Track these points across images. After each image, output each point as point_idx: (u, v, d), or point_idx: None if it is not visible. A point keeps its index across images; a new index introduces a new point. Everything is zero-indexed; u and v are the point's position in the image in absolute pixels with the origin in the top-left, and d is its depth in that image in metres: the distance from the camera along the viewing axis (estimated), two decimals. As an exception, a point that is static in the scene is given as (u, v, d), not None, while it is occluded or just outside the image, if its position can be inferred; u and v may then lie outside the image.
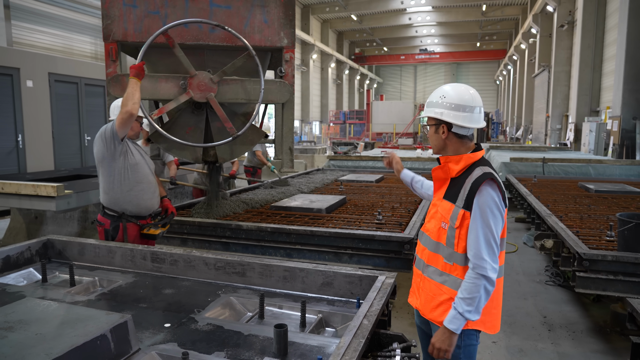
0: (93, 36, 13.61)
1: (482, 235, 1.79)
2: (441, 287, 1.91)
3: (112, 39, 3.58)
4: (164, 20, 3.57)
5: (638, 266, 3.05)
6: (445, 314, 1.87)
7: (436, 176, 2.06)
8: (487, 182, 1.83)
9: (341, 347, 1.57)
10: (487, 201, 1.82)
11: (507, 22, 33.64)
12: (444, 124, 1.94)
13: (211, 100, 3.56)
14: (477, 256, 1.79)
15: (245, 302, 2.29)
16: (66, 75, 8.22)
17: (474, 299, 1.77)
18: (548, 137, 21.90)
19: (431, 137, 2.03)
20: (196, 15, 3.60)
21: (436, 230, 1.96)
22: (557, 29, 20.58)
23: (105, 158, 3.09)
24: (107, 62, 3.63)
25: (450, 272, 1.89)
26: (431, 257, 1.98)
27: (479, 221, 1.81)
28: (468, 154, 1.94)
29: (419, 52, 42.14)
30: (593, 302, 4.42)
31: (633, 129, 12.62)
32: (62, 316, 1.64)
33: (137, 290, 2.44)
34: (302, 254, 3.57)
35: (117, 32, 3.58)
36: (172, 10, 3.59)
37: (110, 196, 3.16)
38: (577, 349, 3.53)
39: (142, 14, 3.57)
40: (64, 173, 6.88)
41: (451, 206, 1.91)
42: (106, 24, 3.55)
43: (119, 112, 3.00)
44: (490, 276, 1.77)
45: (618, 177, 8.16)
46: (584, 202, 5.27)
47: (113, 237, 3.16)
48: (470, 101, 1.91)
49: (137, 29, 3.59)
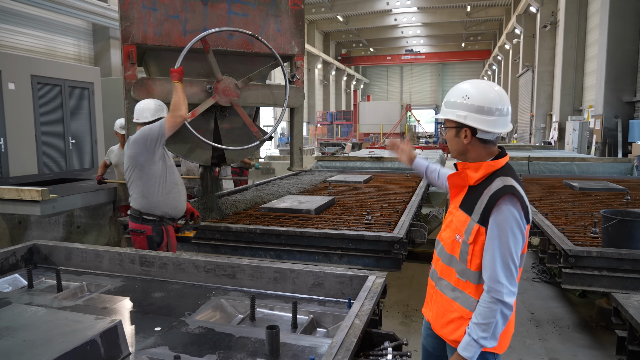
0: (76, 38, 13.42)
1: (499, 257, 1.62)
2: (453, 303, 1.78)
3: (132, 41, 3.51)
4: (184, 24, 3.60)
5: (622, 262, 3.11)
6: (455, 332, 1.76)
7: (452, 183, 1.87)
8: (507, 197, 1.63)
9: (333, 346, 1.57)
10: (507, 219, 1.62)
11: (492, 22, 34.06)
12: (467, 128, 1.72)
13: (235, 105, 3.72)
14: (492, 279, 1.62)
15: (236, 304, 2.28)
16: (49, 77, 8.09)
17: (490, 324, 1.62)
18: (533, 136, 22.23)
19: (450, 140, 1.80)
20: (215, 21, 3.69)
21: (450, 242, 1.81)
22: (540, 29, 20.92)
23: (146, 161, 3.06)
24: (125, 65, 3.54)
25: (462, 289, 1.75)
26: (444, 270, 1.84)
27: (496, 241, 1.63)
28: (488, 161, 1.73)
29: (405, 52, 42.44)
30: (579, 297, 4.50)
31: (615, 127, 12.87)
32: (51, 322, 1.61)
33: (126, 294, 2.41)
34: (292, 255, 3.57)
35: (137, 34, 3.52)
36: (191, 15, 3.63)
37: (150, 200, 3.11)
38: (564, 344, 3.59)
39: (162, 18, 3.56)
40: (48, 177, 6.78)
41: (467, 218, 1.73)
42: (125, 25, 3.47)
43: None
44: (507, 301, 1.61)
45: (601, 175, 8.31)
46: (568, 200, 5.36)
47: (159, 244, 3.12)
48: (497, 102, 1.68)
49: (157, 32, 3.57)
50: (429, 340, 2.02)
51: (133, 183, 3.14)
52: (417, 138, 28.42)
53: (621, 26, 12.79)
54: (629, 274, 3.11)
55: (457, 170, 1.82)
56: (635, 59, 12.81)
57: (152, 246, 3.11)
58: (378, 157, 9.46)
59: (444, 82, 46.71)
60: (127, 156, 3.11)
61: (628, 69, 12.87)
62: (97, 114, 9.21)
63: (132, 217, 3.17)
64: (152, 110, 3.23)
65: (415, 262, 5.54)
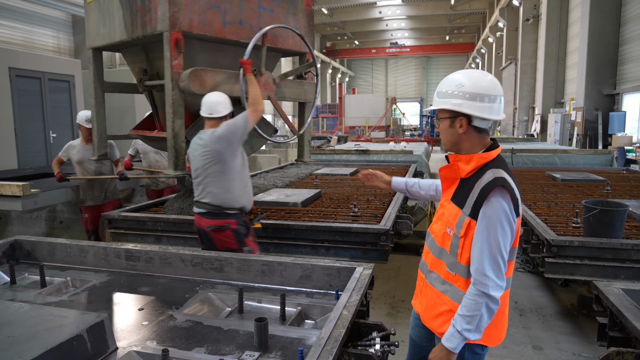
0: (55, 29, 13.13)
1: (486, 250, 1.61)
2: (442, 296, 1.77)
3: (179, 28, 3.33)
4: (224, 15, 3.54)
5: (603, 250, 3.18)
6: (444, 325, 1.75)
7: (444, 175, 1.85)
8: (497, 189, 1.61)
9: (322, 337, 1.58)
10: (496, 212, 1.60)
11: (475, 16, 34.26)
12: (462, 117, 1.69)
13: (272, 100, 3.78)
14: (479, 272, 1.61)
15: (224, 298, 2.27)
16: (28, 70, 7.90)
17: (474, 317, 1.61)
18: (516, 128, 22.52)
19: (444, 132, 1.76)
20: (248, 14, 3.73)
21: (441, 234, 1.79)
22: (523, 22, 21.14)
23: (230, 156, 3.06)
24: (172, 54, 3.33)
25: (452, 282, 1.74)
26: (434, 263, 1.82)
27: (484, 234, 1.61)
28: (480, 153, 1.72)
29: (389, 45, 42.46)
30: (561, 286, 4.60)
31: (595, 119, 13.13)
32: (35, 317, 1.59)
33: (112, 289, 2.38)
34: (279, 248, 3.57)
35: (184, 21, 3.36)
36: (229, 6, 3.59)
37: (233, 194, 3.10)
38: (547, 332, 3.67)
39: (205, 6, 3.45)
40: (29, 172, 6.64)
41: (458, 211, 1.72)
42: (173, 11, 3.27)
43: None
44: (492, 294, 1.59)
45: (582, 166, 8.48)
46: (551, 191, 5.45)
47: (245, 235, 3.12)
48: (491, 89, 1.66)
49: (201, 21, 3.45)
50: (416, 330, 2.03)
51: (212, 178, 3.07)
52: (402, 131, 28.57)
53: (601, 20, 13.00)
54: (609, 262, 3.19)
55: (449, 163, 1.81)
56: (615, 52, 13.05)
57: (240, 239, 3.09)
58: (364, 150, 9.49)
59: (428, 75, 46.92)
60: (210, 151, 3.03)
61: (608, 62, 13.12)
62: (78, 107, 9.04)
63: (211, 214, 3.07)
64: (225, 104, 3.13)
65: (402, 254, 5.59)
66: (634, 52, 12.14)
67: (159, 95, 3.91)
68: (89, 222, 4.84)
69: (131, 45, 3.87)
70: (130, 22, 3.55)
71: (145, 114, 4.54)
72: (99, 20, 3.88)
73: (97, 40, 3.96)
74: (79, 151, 4.75)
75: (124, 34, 3.63)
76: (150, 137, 4.15)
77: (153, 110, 4.13)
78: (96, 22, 3.91)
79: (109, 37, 3.82)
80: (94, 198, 4.83)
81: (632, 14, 12.23)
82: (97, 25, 3.91)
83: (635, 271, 3.14)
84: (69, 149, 4.81)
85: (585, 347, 3.42)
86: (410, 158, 8.88)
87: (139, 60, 3.96)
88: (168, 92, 3.39)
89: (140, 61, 3.95)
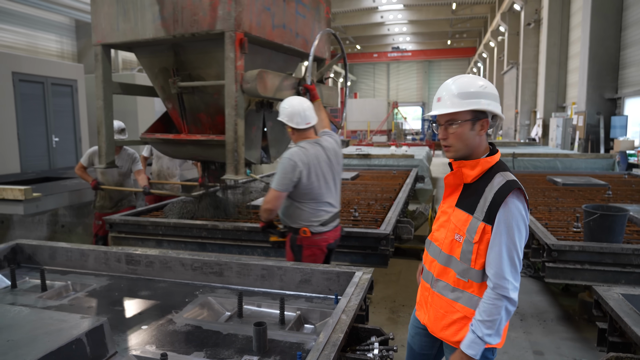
0: (59, 34, 13.21)
1: (505, 253, 1.60)
2: (454, 304, 1.74)
3: (242, 29, 3.19)
4: (273, 18, 3.49)
5: (603, 255, 3.18)
6: (458, 333, 1.72)
7: (448, 183, 1.83)
8: (513, 193, 1.61)
9: (320, 342, 1.59)
10: (514, 216, 1.60)
11: (477, 20, 34.32)
12: (485, 119, 1.67)
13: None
14: (498, 275, 1.60)
15: (223, 302, 2.28)
16: (31, 74, 7.95)
17: (495, 321, 1.60)
18: (517, 132, 22.51)
19: (461, 136, 1.68)
20: (289, 19, 3.72)
21: (448, 242, 1.76)
22: (524, 27, 21.15)
23: None
24: (237, 55, 3.20)
25: (464, 289, 1.71)
26: (442, 271, 1.78)
27: (504, 237, 1.60)
28: (485, 157, 1.71)
29: (391, 50, 42.53)
30: (562, 291, 4.58)
31: (597, 123, 13.11)
32: (35, 321, 1.60)
33: (112, 293, 2.39)
34: (279, 253, 3.57)
35: (246, 22, 3.19)
36: (277, 10, 3.54)
37: None
38: (547, 337, 3.66)
39: (260, 8, 3.35)
40: (31, 176, 6.67)
41: (468, 217, 1.69)
42: (238, 11, 3.15)
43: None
44: (512, 297, 1.60)
45: (584, 170, 8.46)
46: (552, 195, 5.45)
47: None
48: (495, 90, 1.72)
49: (257, 23, 3.32)
50: (417, 339, 2.00)
51: (338, 191, 3.04)
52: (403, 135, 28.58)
53: (603, 24, 13.01)
54: (609, 267, 3.18)
55: (452, 170, 1.78)
56: (616, 56, 13.05)
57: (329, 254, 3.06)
58: (365, 154, 9.50)
59: (430, 79, 46.96)
60: (340, 165, 3.03)
61: (609, 67, 13.11)
62: (81, 111, 9.09)
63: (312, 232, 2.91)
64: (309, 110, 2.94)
65: (402, 258, 5.58)
66: (636, 56, 12.14)
67: (189, 97, 3.71)
68: (102, 228, 4.74)
69: (155, 44, 3.59)
70: (171, 19, 3.29)
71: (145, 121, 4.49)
72: (117, 15, 3.54)
73: (113, 36, 3.60)
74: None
75: (160, 31, 3.34)
76: (170, 141, 3.86)
77: (181, 112, 3.82)
78: (112, 16, 3.57)
79: (133, 33, 3.48)
80: (112, 207, 4.82)
81: (633, 19, 12.24)
82: (114, 20, 3.57)
83: (636, 276, 3.14)
84: (92, 155, 4.72)
85: (586, 353, 3.41)
86: (411, 162, 8.89)
87: (164, 60, 3.68)
88: (230, 94, 3.24)
89: (166, 62, 3.68)
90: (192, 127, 3.84)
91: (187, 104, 3.76)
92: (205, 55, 3.46)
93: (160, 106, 9.99)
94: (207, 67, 3.51)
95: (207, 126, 3.77)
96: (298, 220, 2.88)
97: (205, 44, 3.37)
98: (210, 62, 3.49)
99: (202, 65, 3.52)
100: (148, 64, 3.83)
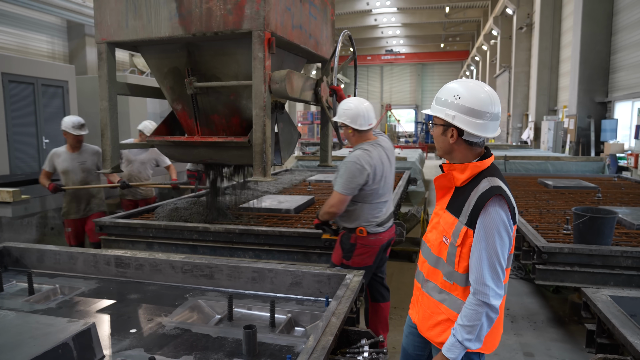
0: (50, 35, 13.11)
1: (485, 259, 1.61)
2: (439, 305, 1.77)
3: (270, 28, 3.12)
4: (292, 18, 3.46)
5: (592, 257, 3.20)
6: (442, 334, 1.75)
7: (439, 185, 1.85)
8: (494, 198, 1.62)
9: (310, 345, 1.58)
10: (494, 221, 1.61)
11: (469, 24, 34.56)
12: (453, 128, 1.68)
13: (329, 102, 3.83)
14: (478, 281, 1.61)
15: (213, 305, 2.27)
16: (21, 75, 7.88)
17: (475, 327, 1.62)
18: (510, 135, 22.66)
19: (437, 138, 1.77)
20: (304, 19, 3.67)
21: (437, 243, 1.79)
22: (517, 31, 21.33)
23: None
24: (266, 54, 3.15)
25: (449, 291, 1.74)
26: (431, 272, 1.82)
27: (483, 243, 1.61)
28: (474, 162, 1.72)
29: (385, 52, 42.72)
30: (553, 293, 4.61)
31: (588, 127, 13.23)
32: (21, 325, 1.58)
33: (101, 297, 2.37)
34: (271, 255, 3.57)
35: (273, 21, 3.12)
36: (295, 10, 3.50)
37: None
38: (538, 338, 3.67)
39: (283, 8, 3.30)
40: (20, 177, 6.59)
41: (454, 220, 1.72)
42: (267, 10, 3.07)
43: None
44: (492, 303, 1.60)
45: (574, 173, 8.53)
46: (543, 198, 5.48)
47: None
48: (488, 105, 1.64)
49: (281, 22, 3.26)
50: (410, 339, 2.02)
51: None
52: (397, 137, 28.65)
53: (593, 29, 13.15)
54: (599, 269, 3.21)
55: (443, 172, 1.80)
56: (607, 60, 13.19)
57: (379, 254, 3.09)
58: (358, 157, 9.49)
59: (423, 82, 47.17)
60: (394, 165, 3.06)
61: (600, 71, 13.24)
62: (72, 112, 9.00)
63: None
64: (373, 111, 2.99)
65: (394, 261, 5.59)
66: (626, 61, 12.28)
67: (201, 98, 3.58)
68: (72, 237, 4.59)
69: (167, 43, 3.45)
70: (190, 17, 3.18)
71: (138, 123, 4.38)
72: (126, 11, 3.38)
73: (120, 34, 3.42)
74: (65, 160, 4.50)
75: (177, 29, 3.21)
76: (181, 143, 3.73)
77: (194, 114, 3.65)
78: (120, 12, 3.41)
79: (145, 31, 3.32)
80: (78, 210, 4.58)
81: (623, 23, 12.38)
82: (123, 17, 3.41)
83: (624, 278, 3.16)
84: (53, 157, 4.56)
85: (575, 354, 3.43)
86: (404, 164, 8.91)
87: (175, 60, 3.54)
88: (259, 94, 3.17)
89: (177, 61, 3.53)
90: (203, 129, 3.72)
91: (203, 105, 3.63)
92: (223, 55, 3.36)
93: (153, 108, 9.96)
94: (223, 67, 3.42)
95: (220, 128, 3.65)
96: (356, 220, 2.91)
97: (223, 44, 3.28)
98: (227, 62, 3.40)
99: (219, 65, 3.42)
100: (157, 64, 3.68)
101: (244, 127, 3.60)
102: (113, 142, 3.71)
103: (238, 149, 3.39)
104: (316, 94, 3.65)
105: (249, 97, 3.39)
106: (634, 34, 11.73)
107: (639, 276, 3.14)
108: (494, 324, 1.69)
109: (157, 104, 10.01)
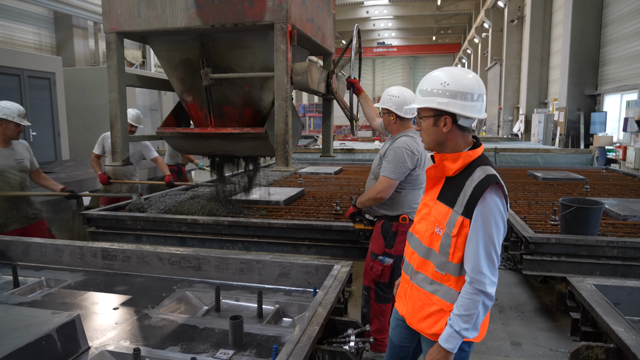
0: (36, 26, 12.90)
1: (482, 248, 1.61)
2: (431, 296, 1.74)
3: (291, 21, 3.11)
4: (306, 11, 3.45)
5: (579, 247, 3.23)
6: (435, 325, 1.73)
7: (429, 175, 1.84)
8: (492, 187, 1.62)
9: (296, 334, 1.58)
10: (491, 210, 1.61)
11: (461, 16, 34.55)
12: (446, 116, 1.66)
13: (338, 94, 3.89)
14: (475, 270, 1.61)
15: (201, 296, 2.26)
16: (7, 66, 7.76)
17: (472, 315, 1.61)
18: (500, 128, 22.78)
19: (427, 130, 1.73)
20: (314, 13, 3.67)
21: (428, 234, 1.77)
22: (508, 24, 21.37)
23: None
24: (288, 46, 3.14)
25: (442, 282, 1.72)
26: (421, 264, 1.79)
27: (480, 232, 1.61)
28: (466, 151, 1.71)
29: (377, 45, 42.60)
30: (541, 283, 4.66)
31: (577, 119, 13.33)
32: (3, 317, 1.56)
33: (87, 289, 2.35)
34: (260, 247, 3.56)
35: (293, 14, 3.11)
36: (308, 3, 3.50)
37: None
38: (525, 328, 3.72)
39: (300, 1, 3.29)
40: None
41: (448, 210, 1.70)
42: (289, 3, 3.07)
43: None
44: (489, 291, 1.61)
45: (564, 165, 8.60)
46: (532, 189, 5.52)
47: None
48: (475, 87, 1.66)
49: (299, 15, 3.25)
50: (397, 331, 2.01)
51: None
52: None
53: (583, 22, 13.20)
54: (585, 259, 3.24)
55: (435, 163, 1.79)
56: (596, 53, 13.27)
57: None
58: (349, 149, 9.51)
59: (415, 74, 47.21)
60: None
61: (590, 64, 13.33)
62: (59, 105, 8.90)
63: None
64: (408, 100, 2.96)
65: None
66: (615, 54, 12.36)
67: (214, 89, 3.52)
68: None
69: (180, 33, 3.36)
70: (208, 8, 3.12)
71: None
72: (138, 1, 3.30)
73: (132, 24, 3.33)
74: None
75: (194, 20, 3.16)
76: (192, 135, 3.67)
77: (208, 105, 3.58)
78: (131, 2, 3.31)
79: (160, 21, 3.25)
80: (20, 219, 3.68)
81: (613, 16, 12.45)
82: (134, 7, 3.32)
83: (610, 267, 3.20)
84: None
85: (562, 343, 3.48)
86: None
87: (187, 52, 3.45)
88: (281, 86, 3.17)
89: (190, 53, 3.45)
90: (215, 121, 3.67)
91: (216, 96, 3.57)
92: (238, 47, 3.33)
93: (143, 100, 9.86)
94: (239, 59, 3.39)
95: (232, 119, 3.63)
96: (400, 208, 2.94)
97: (238, 35, 3.25)
98: (243, 54, 3.37)
99: (234, 57, 3.39)
100: (167, 55, 3.59)
101: (256, 118, 3.59)
102: (123, 134, 3.63)
103: (253, 140, 3.39)
104: (328, 85, 3.66)
105: (263, 89, 3.43)
106: (623, 27, 11.81)
107: (624, 266, 3.18)
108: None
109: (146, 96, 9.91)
